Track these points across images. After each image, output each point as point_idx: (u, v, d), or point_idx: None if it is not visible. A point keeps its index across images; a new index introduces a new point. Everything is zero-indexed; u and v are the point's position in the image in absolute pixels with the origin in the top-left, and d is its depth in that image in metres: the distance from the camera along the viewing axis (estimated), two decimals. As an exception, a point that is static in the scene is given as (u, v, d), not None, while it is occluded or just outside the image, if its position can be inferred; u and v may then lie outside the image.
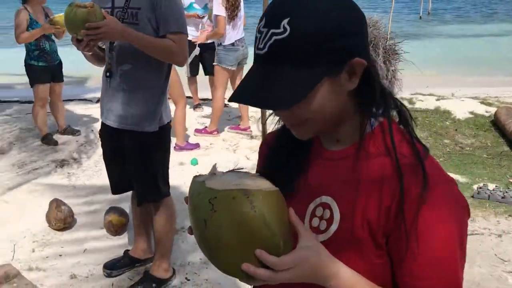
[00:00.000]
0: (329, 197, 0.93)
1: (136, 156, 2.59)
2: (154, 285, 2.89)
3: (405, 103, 7.00)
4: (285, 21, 0.79)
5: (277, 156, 1.04)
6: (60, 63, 5.42)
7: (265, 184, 0.89)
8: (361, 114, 0.91)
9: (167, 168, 2.78)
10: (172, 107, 3.57)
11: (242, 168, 0.97)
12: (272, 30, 0.80)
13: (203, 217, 0.83)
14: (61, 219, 3.58)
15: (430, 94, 7.38)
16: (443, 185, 0.86)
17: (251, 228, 0.80)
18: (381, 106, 0.91)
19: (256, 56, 0.85)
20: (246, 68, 4.88)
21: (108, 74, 2.51)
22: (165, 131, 2.62)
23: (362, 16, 0.86)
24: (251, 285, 0.85)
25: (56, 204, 3.63)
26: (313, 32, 0.79)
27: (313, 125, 0.89)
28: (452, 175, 2.86)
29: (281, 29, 0.79)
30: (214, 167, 0.94)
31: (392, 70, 8.47)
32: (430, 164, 0.87)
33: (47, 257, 3.29)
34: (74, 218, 3.73)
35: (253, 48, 0.87)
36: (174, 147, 5.12)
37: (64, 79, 5.56)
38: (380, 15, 8.95)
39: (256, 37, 0.85)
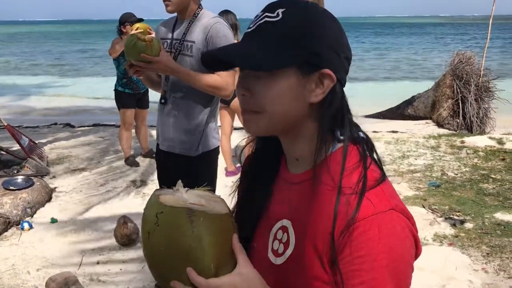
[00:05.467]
0: (287, 221, 0.94)
1: (182, 179, 2.72)
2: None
3: (493, 142, 6.56)
4: (280, 10, 0.87)
5: (248, 179, 1.07)
6: (147, 91, 5.80)
7: (219, 207, 0.91)
8: (318, 136, 0.90)
9: (214, 192, 2.86)
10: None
11: (209, 188, 1.01)
12: (266, 14, 0.89)
13: (148, 229, 0.87)
14: (126, 235, 3.82)
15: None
16: (380, 215, 0.82)
17: (186, 247, 0.83)
18: (341, 131, 0.91)
19: (244, 35, 0.92)
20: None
21: (162, 101, 2.69)
22: (211, 157, 2.72)
23: (346, 44, 0.91)
24: None
25: (123, 220, 3.87)
26: (300, 25, 0.86)
27: (266, 118, 0.90)
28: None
29: (275, 14, 0.87)
30: (179, 183, 0.99)
31: (484, 108, 8.05)
32: (377, 192, 0.85)
33: (108, 270, 3.50)
34: (139, 236, 3.94)
35: None
36: (225, 173, 5.32)
37: (150, 105, 5.93)
38: (475, 51, 8.57)
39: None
